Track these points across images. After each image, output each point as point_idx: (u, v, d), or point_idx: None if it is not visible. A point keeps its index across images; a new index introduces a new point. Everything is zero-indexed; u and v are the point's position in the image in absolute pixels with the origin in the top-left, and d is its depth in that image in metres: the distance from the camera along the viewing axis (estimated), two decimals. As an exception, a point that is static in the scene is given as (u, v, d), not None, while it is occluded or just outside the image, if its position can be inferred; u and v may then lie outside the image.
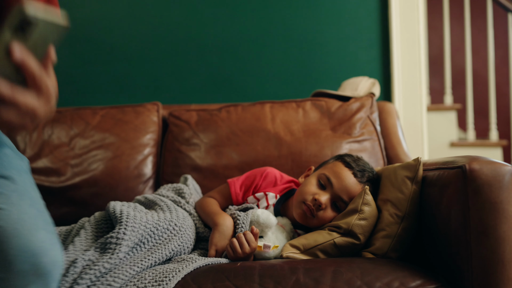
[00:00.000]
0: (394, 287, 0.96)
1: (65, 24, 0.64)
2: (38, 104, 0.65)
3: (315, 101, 1.70)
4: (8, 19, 0.61)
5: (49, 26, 0.63)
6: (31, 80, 0.64)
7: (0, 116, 0.63)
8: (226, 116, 1.67)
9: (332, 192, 1.23)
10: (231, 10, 2.09)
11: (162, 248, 1.09)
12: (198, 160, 1.61)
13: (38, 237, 0.73)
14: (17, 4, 0.60)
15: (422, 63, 2.02)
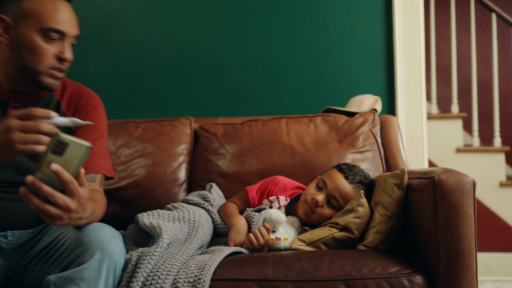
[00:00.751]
0: (377, 271, 1.23)
1: (89, 145, 1.00)
2: (72, 202, 1.01)
3: (324, 116, 1.97)
4: (49, 145, 0.97)
5: (76, 146, 0.98)
6: (65, 185, 0.99)
7: (45, 209, 1.00)
8: (248, 129, 1.95)
9: (326, 192, 1.51)
10: (253, 33, 2.36)
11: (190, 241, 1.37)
12: (224, 167, 1.89)
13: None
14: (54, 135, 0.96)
15: (422, 80, 2.27)
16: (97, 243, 1.12)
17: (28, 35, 1.26)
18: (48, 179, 0.98)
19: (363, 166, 1.80)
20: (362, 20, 2.31)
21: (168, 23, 2.41)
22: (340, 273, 1.22)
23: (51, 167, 0.96)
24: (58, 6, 1.28)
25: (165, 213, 1.48)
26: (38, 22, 1.26)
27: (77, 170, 1.00)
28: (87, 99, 1.44)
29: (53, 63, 1.29)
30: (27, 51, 1.27)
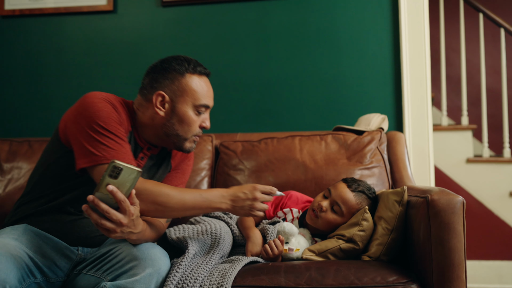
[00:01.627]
0: (376, 280, 1.39)
1: (139, 170, 1.20)
2: (124, 218, 1.23)
3: (335, 134, 2.13)
4: (106, 169, 1.18)
5: (129, 170, 1.19)
6: (119, 204, 1.21)
7: (102, 223, 1.22)
8: (265, 147, 2.13)
9: (330, 199, 1.69)
10: (270, 55, 2.54)
11: (213, 251, 1.55)
12: (242, 182, 2.07)
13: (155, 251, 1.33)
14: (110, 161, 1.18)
15: (428, 98, 2.41)
16: (150, 260, 1.31)
17: (183, 109, 1.51)
18: (105, 198, 1.19)
19: (370, 182, 1.96)
20: (371, 42, 2.47)
21: (192, 47, 2.60)
22: (344, 281, 1.38)
23: (107, 188, 1.16)
24: (206, 84, 1.55)
25: (189, 227, 1.66)
26: (193, 99, 1.52)
27: (129, 191, 1.21)
28: (187, 156, 1.74)
29: (197, 131, 1.55)
30: (180, 122, 1.52)
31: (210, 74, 1.60)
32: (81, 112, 1.41)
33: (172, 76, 1.52)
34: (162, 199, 1.38)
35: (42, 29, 2.75)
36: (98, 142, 1.37)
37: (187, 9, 2.62)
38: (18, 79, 2.75)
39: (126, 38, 2.66)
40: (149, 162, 1.60)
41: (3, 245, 1.29)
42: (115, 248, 1.41)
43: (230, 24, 2.58)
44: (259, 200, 1.45)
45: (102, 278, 1.38)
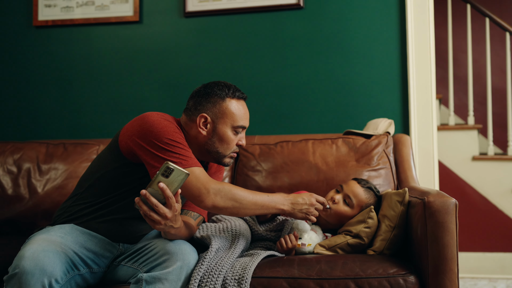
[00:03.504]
0: (379, 272, 1.58)
1: (187, 173, 1.42)
2: (169, 212, 1.45)
3: (345, 138, 2.32)
4: (160, 168, 1.40)
5: (179, 172, 1.40)
6: (167, 199, 1.43)
7: (150, 215, 1.44)
8: (280, 150, 2.32)
9: (343, 193, 1.90)
10: (285, 62, 2.72)
11: (234, 247, 1.75)
12: (260, 182, 2.27)
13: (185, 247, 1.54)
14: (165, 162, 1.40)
15: (433, 103, 2.59)
16: (180, 254, 1.53)
17: (223, 130, 1.71)
18: (155, 194, 1.41)
19: (377, 182, 2.15)
20: (379, 49, 2.64)
21: (212, 54, 2.79)
22: (350, 273, 1.58)
23: (159, 185, 1.39)
24: (243, 107, 1.76)
25: (212, 225, 1.87)
26: (232, 121, 1.71)
27: (176, 190, 1.42)
28: None
29: (235, 149, 1.75)
30: (220, 141, 1.72)
31: (247, 98, 1.80)
32: (149, 130, 1.58)
33: (214, 100, 1.72)
34: (239, 197, 1.60)
35: (73, 38, 2.93)
36: (171, 152, 1.56)
37: (208, 19, 2.80)
38: (51, 85, 2.94)
39: (151, 47, 2.85)
40: None
41: (51, 242, 1.48)
42: (151, 243, 1.63)
43: (248, 33, 2.76)
44: (314, 206, 1.73)
45: (139, 269, 1.59)
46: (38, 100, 2.96)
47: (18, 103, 2.98)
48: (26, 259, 1.38)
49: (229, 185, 1.62)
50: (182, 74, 2.83)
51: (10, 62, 2.99)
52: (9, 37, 3.00)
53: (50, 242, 1.48)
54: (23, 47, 2.98)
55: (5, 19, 3.00)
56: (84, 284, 1.60)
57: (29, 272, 1.36)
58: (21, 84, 2.98)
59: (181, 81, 2.82)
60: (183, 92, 2.81)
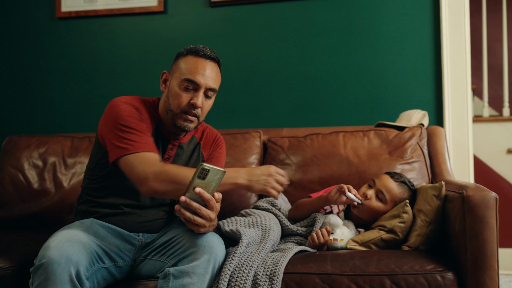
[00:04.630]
0: (415, 268, 1.52)
1: (223, 171, 1.38)
2: (212, 214, 1.43)
3: (377, 130, 2.25)
4: (195, 172, 1.36)
5: (215, 171, 1.37)
6: (207, 202, 1.41)
7: (194, 220, 1.43)
8: (310, 143, 2.27)
9: (375, 188, 1.84)
10: (314, 52, 2.66)
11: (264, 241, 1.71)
12: (289, 176, 2.21)
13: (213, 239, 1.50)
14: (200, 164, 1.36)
15: (469, 93, 2.49)
16: (208, 247, 1.49)
17: (172, 84, 1.65)
18: (195, 198, 1.39)
19: (410, 176, 2.08)
20: (411, 37, 2.55)
21: (238, 44, 2.74)
22: (386, 269, 1.52)
23: (195, 190, 1.36)
24: (197, 63, 1.63)
25: (241, 219, 1.83)
26: (180, 74, 1.63)
27: (214, 190, 1.40)
28: (216, 140, 1.87)
29: (186, 107, 1.63)
30: (171, 96, 1.65)
31: (215, 60, 1.69)
32: (107, 115, 1.62)
33: (176, 58, 1.70)
34: (181, 178, 1.46)
35: (96, 29, 2.90)
36: (122, 138, 1.54)
37: (234, 9, 2.76)
38: (76, 78, 2.93)
39: (176, 37, 2.81)
40: (179, 151, 1.76)
41: (74, 234, 1.48)
42: (177, 236, 1.60)
43: (276, 22, 2.71)
44: (273, 177, 1.53)
45: (166, 262, 1.57)
46: (62, 93, 2.95)
47: (43, 96, 2.97)
48: (52, 249, 1.37)
49: (171, 166, 1.54)
50: (209, 66, 2.78)
51: (34, 55, 2.98)
52: (32, 29, 2.98)
53: (74, 234, 1.48)
54: (46, 39, 2.96)
55: (29, 10, 2.98)
56: (110, 279, 1.58)
57: (55, 261, 1.34)
58: (45, 77, 2.97)
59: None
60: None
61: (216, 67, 1.70)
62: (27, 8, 2.99)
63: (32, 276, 1.38)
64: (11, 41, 3.01)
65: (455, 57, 2.50)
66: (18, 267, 1.67)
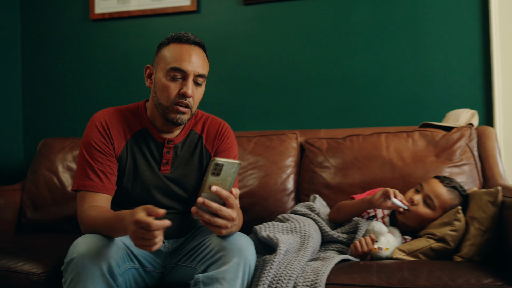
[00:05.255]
0: (471, 282, 1.38)
1: (239, 162, 1.25)
2: (233, 212, 1.30)
3: (422, 131, 2.10)
4: (208, 168, 1.23)
5: (229, 165, 1.24)
6: (225, 200, 1.28)
7: (215, 221, 1.29)
8: (350, 144, 2.14)
9: (423, 193, 1.70)
10: (352, 49, 2.53)
11: (303, 249, 1.60)
12: (328, 179, 2.10)
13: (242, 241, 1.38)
14: (211, 159, 1.23)
15: (521, 91, 2.32)
16: (236, 250, 1.38)
17: (158, 77, 1.53)
18: (213, 197, 1.26)
19: (460, 180, 1.93)
20: (457, 33, 2.40)
21: (273, 43, 2.64)
22: (438, 282, 1.39)
23: (211, 189, 1.24)
24: (181, 49, 1.51)
25: (279, 225, 1.72)
26: (165, 63, 1.51)
27: (231, 185, 1.27)
28: (221, 130, 1.69)
29: (176, 99, 1.50)
30: (159, 90, 1.53)
31: (200, 44, 1.56)
32: (84, 135, 1.59)
33: (158, 50, 1.58)
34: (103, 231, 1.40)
35: (129, 31, 2.88)
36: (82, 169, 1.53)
37: (268, 6, 2.66)
38: (110, 79, 2.92)
39: (209, 37, 2.74)
40: (177, 152, 1.63)
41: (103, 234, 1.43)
42: (206, 239, 1.51)
43: (312, 19, 2.60)
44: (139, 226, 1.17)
45: (197, 268, 1.48)
46: (96, 95, 2.95)
47: (77, 98, 2.98)
48: (80, 244, 1.33)
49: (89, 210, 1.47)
50: (241, 65, 2.70)
51: (68, 57, 3.00)
52: (67, 32, 3.01)
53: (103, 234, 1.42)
54: (80, 41, 2.98)
55: (63, 13, 3.01)
56: (142, 283, 1.53)
57: (85, 255, 1.30)
58: (79, 79, 2.98)
59: (240, 73, 2.70)
60: (242, 84, 2.69)
61: (201, 51, 1.56)
62: (61, 10, 3.01)
63: (64, 274, 1.34)
64: (46, 44, 3.04)
65: (507, 51, 2.33)
66: (51, 273, 1.65)
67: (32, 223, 2.46)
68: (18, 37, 3.07)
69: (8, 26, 3.01)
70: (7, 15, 3.01)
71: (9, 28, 3.02)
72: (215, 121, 1.72)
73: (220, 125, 1.71)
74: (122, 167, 1.58)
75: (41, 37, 3.04)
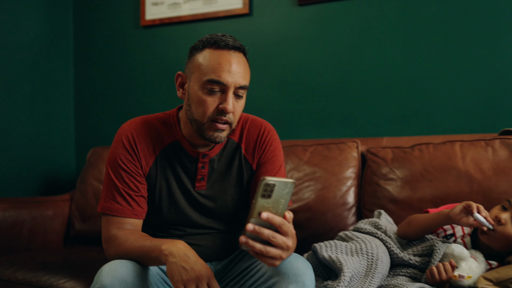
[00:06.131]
0: None
1: (292, 181, 1.03)
2: (288, 241, 1.07)
3: (504, 139, 1.85)
4: (257, 190, 1.02)
5: (282, 185, 1.02)
6: (279, 228, 1.05)
7: (267, 251, 1.06)
8: (419, 154, 1.91)
9: (511, 211, 1.45)
10: (418, 49, 2.29)
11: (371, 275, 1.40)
12: (394, 193, 1.88)
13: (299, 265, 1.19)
14: (261, 179, 1.01)
15: None
16: (293, 275, 1.19)
17: (192, 88, 1.33)
18: (262, 223, 1.05)
19: (551, 195, 1.67)
20: (542, 29, 2.13)
21: (330, 45, 2.45)
22: (537, 321, 1.16)
23: (262, 217, 1.02)
24: (220, 57, 1.30)
25: (342, 244, 1.52)
26: (200, 74, 1.30)
27: (285, 208, 1.06)
28: (262, 135, 1.48)
29: (214, 115, 1.31)
30: (193, 103, 1.33)
31: (240, 49, 1.34)
32: (110, 150, 1.43)
33: (191, 54, 1.37)
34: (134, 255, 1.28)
35: (180, 36, 2.78)
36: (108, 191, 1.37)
37: (325, 6, 2.48)
38: (160, 86, 2.83)
39: (261, 41, 2.60)
40: (213, 166, 1.44)
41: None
42: (256, 262, 1.33)
43: (372, 18, 2.39)
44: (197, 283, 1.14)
45: None
46: (147, 102, 2.87)
47: (127, 106, 2.92)
48: (104, 273, 1.19)
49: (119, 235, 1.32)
50: (296, 69, 2.52)
51: (118, 65, 2.95)
52: (117, 39, 2.97)
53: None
54: (131, 49, 2.93)
55: (114, 20, 2.98)
56: None
57: (108, 285, 1.16)
58: (129, 87, 2.92)
59: (295, 77, 2.52)
60: (297, 89, 2.51)
61: (243, 58, 1.34)
62: (112, 18, 2.98)
63: None
64: (97, 52, 3.02)
65: None
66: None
67: (80, 235, 2.44)
68: (71, 45, 3.06)
69: (61, 35, 3.00)
70: (60, 24, 3.00)
71: (62, 37, 3.01)
72: (255, 125, 1.50)
73: (261, 129, 1.49)
74: (152, 185, 1.41)
75: (92, 46, 3.02)
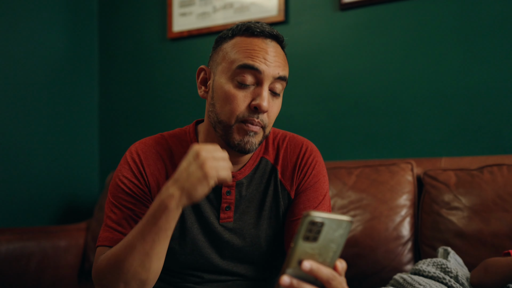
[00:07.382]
0: None
1: (349, 220, 0.71)
2: None
3: None
4: (298, 230, 0.70)
5: (334, 224, 0.70)
6: (326, 284, 0.73)
7: None
8: (490, 178, 1.59)
9: None
10: (480, 55, 1.97)
11: None
12: (461, 225, 1.56)
13: None
14: (303, 215, 0.69)
15: None
16: None
17: (218, 82, 1.06)
18: (303, 275, 0.74)
19: None
20: None
21: (376, 53, 2.16)
22: None
23: (302, 267, 0.72)
24: (255, 44, 1.04)
25: None
26: (229, 63, 1.05)
27: (336, 256, 0.74)
28: (303, 156, 1.18)
29: (245, 114, 1.04)
30: (219, 100, 1.06)
31: (279, 38, 1.09)
32: (113, 176, 1.16)
33: (217, 45, 1.11)
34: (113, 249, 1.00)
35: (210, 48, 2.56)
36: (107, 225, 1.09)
37: (370, 10, 2.20)
38: (188, 102, 2.63)
39: (299, 50, 2.33)
40: (242, 191, 1.15)
41: None
42: None
43: (425, 22, 2.09)
44: (206, 159, 0.90)
45: None
46: (175, 119, 2.67)
47: (156, 123, 2.75)
48: None
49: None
50: (338, 81, 2.24)
51: (146, 80, 2.79)
52: (144, 52, 2.80)
53: None
54: (157, 62, 2.75)
55: (140, 34, 2.82)
56: None
57: None
58: (157, 104, 2.74)
59: (337, 90, 2.23)
60: (340, 103, 2.22)
61: (280, 49, 1.09)
62: (138, 31, 2.83)
63: None
64: (122, 67, 2.88)
65: None
66: None
67: (96, 268, 2.17)
68: (96, 61, 2.93)
69: (85, 50, 2.87)
70: (84, 38, 2.87)
71: (86, 52, 2.88)
72: (294, 143, 1.21)
73: (302, 149, 1.19)
74: None
75: (118, 61, 2.87)
